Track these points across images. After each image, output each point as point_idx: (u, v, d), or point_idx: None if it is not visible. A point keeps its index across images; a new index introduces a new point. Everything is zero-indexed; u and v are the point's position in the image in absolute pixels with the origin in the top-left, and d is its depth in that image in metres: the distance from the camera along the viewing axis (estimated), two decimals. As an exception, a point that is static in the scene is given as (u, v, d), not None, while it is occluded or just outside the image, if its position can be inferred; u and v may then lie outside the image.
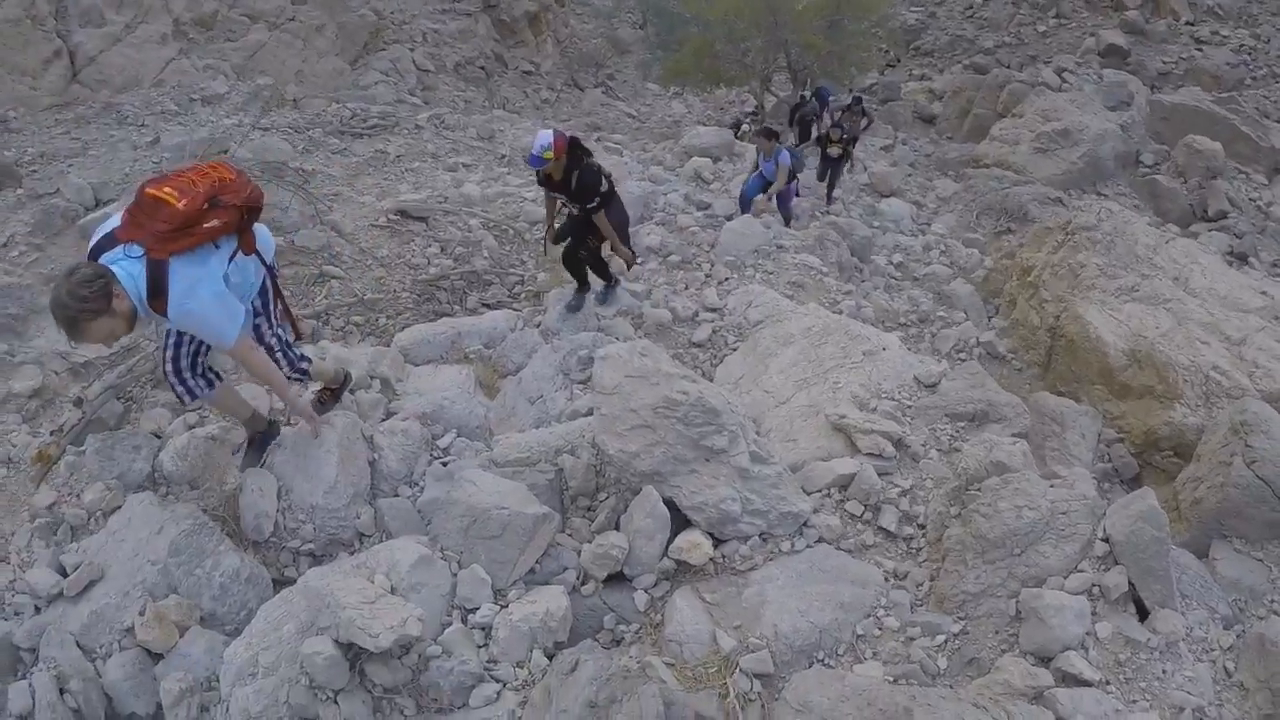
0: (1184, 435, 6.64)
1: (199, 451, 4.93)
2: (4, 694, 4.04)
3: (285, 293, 4.57)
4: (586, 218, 6.73)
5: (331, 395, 5.08)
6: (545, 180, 6.72)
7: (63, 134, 11.05)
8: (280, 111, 12.88)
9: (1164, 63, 22.46)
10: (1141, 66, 21.87)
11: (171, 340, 4.13)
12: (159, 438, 5.18)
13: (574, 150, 6.48)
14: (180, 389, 4.26)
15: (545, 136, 6.35)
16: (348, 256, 8.08)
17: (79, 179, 8.98)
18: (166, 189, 3.68)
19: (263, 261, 4.21)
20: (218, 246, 3.85)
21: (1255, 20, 23.88)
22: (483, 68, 23.61)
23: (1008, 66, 22.67)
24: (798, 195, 11.60)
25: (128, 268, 3.58)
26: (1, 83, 13.64)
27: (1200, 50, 22.79)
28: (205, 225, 3.70)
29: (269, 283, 4.33)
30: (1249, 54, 22.61)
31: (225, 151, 9.58)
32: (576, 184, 6.53)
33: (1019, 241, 11.28)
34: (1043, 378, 8.22)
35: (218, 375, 4.41)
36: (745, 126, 18.33)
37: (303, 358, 4.68)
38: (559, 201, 6.91)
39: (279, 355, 4.48)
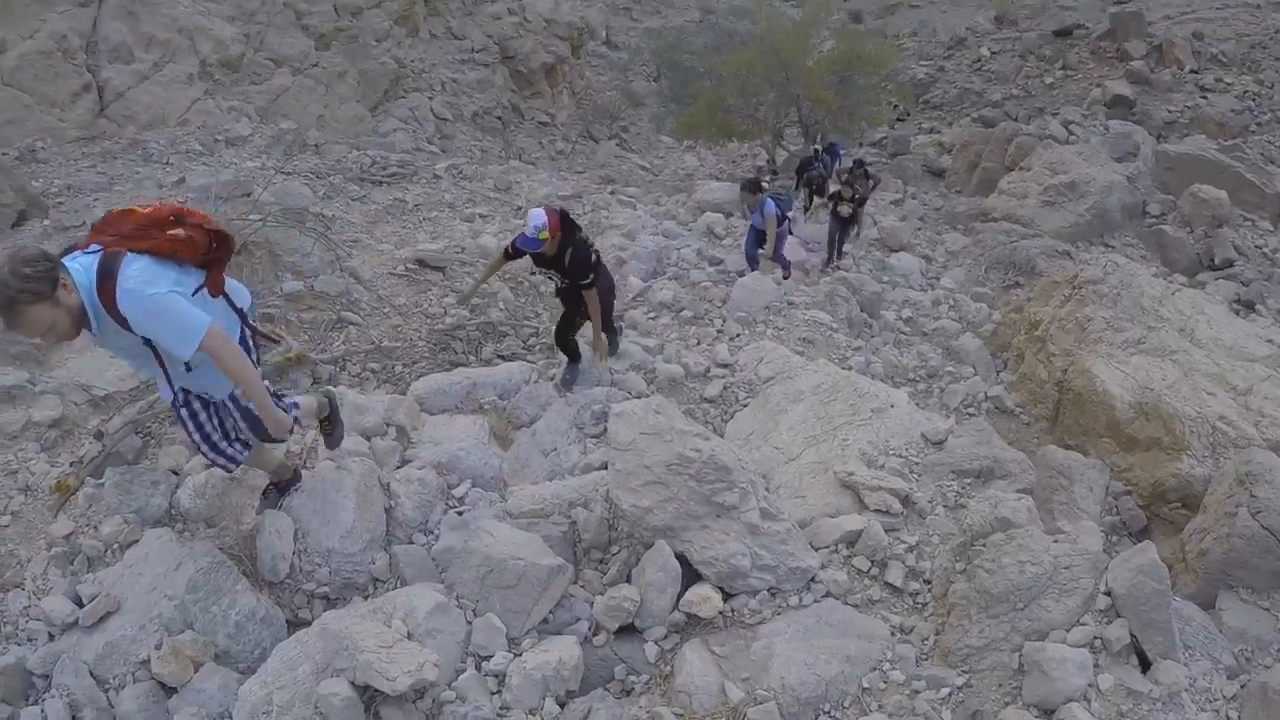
0: (1191, 486, 6.66)
1: (216, 491, 5.04)
2: (16, 719, 4.13)
3: (303, 336, 4.51)
4: (576, 291, 6.53)
5: (329, 424, 4.92)
6: (533, 255, 6.39)
7: (89, 167, 11.26)
8: (302, 156, 13.08)
9: (1169, 111, 22.62)
10: (1147, 116, 22.03)
11: (190, 424, 4.09)
12: (177, 475, 5.27)
13: (565, 225, 6.20)
14: (222, 460, 4.26)
15: (538, 216, 6.02)
16: (365, 303, 8.17)
17: (105, 213, 9.10)
18: (133, 207, 3.69)
19: (233, 308, 4.07)
20: (180, 266, 3.69)
21: (1259, 66, 24.05)
22: (499, 118, 24.02)
23: (1015, 119, 22.88)
24: (792, 234, 11.75)
25: (81, 262, 3.45)
26: (30, 113, 13.88)
27: (1205, 98, 22.93)
28: (169, 232, 3.61)
29: (246, 334, 4.16)
30: (1253, 100, 22.73)
31: (249, 195, 9.72)
32: (570, 261, 6.27)
33: (1027, 295, 11.36)
34: (1051, 431, 8.27)
35: None
36: (765, 184, 18.63)
37: (294, 405, 4.53)
38: (546, 275, 6.68)
39: (239, 444, 4.33)
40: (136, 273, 3.42)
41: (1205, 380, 7.57)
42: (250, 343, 4.20)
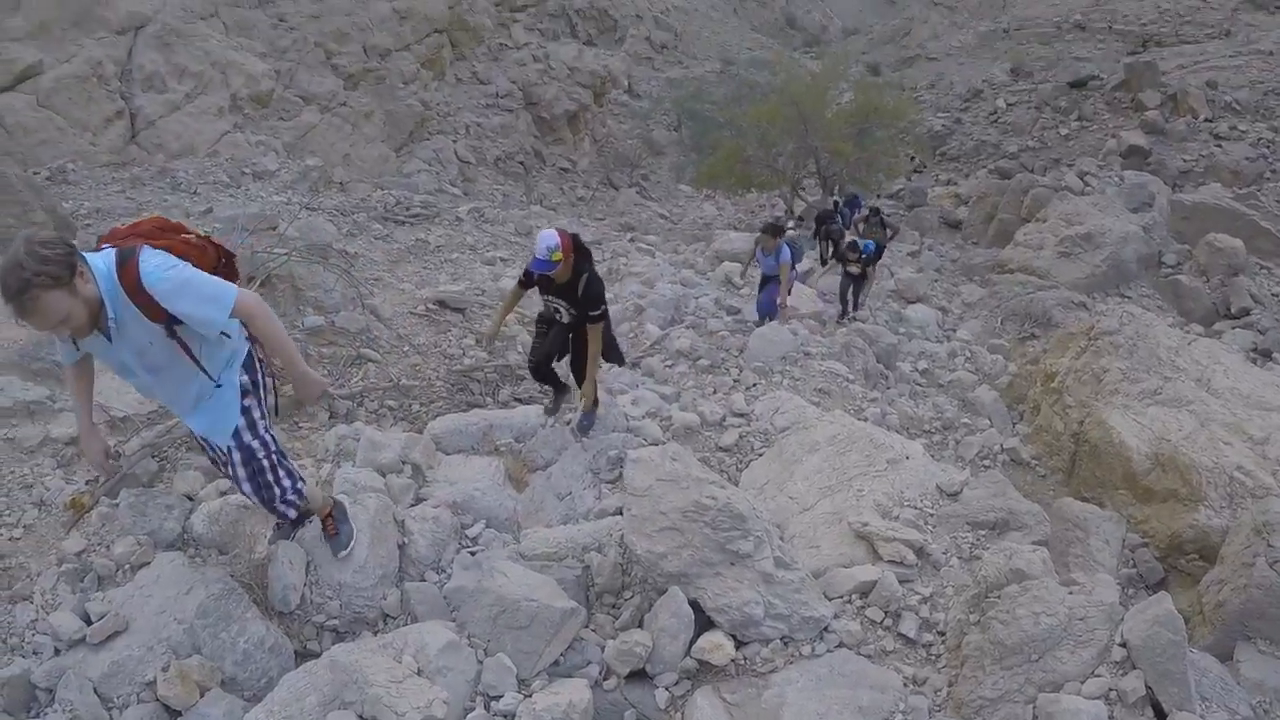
0: (1208, 538, 6.64)
1: (230, 518, 5.04)
2: None
3: (322, 371, 4.33)
4: (579, 326, 6.08)
5: (334, 524, 4.79)
6: (541, 282, 5.96)
7: (118, 192, 11.46)
8: (327, 193, 13.27)
9: (1185, 160, 22.75)
10: (1162, 165, 22.15)
11: (242, 467, 4.00)
12: (191, 500, 5.29)
13: (579, 249, 5.80)
14: (292, 496, 4.19)
15: (550, 237, 5.59)
16: (385, 341, 8.23)
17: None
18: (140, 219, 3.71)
19: (246, 332, 3.90)
20: None
21: (1273, 113, 24.19)
22: (522, 163, 24.41)
23: (1031, 170, 23.07)
24: (800, 284, 11.85)
25: (100, 256, 3.35)
26: (63, 135, 14.21)
27: (1220, 146, 23.07)
28: (181, 236, 3.62)
29: (260, 363, 3.98)
30: (1267, 147, 22.84)
31: (274, 228, 9.80)
32: (585, 290, 5.82)
33: (1043, 347, 11.39)
34: (1067, 483, 8.25)
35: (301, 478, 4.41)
36: (790, 229, 18.76)
37: (300, 489, 4.34)
38: (553, 306, 6.16)
39: (281, 470, 4.16)
40: (154, 255, 3.37)
41: (1222, 430, 7.55)
42: (265, 370, 4.09)
